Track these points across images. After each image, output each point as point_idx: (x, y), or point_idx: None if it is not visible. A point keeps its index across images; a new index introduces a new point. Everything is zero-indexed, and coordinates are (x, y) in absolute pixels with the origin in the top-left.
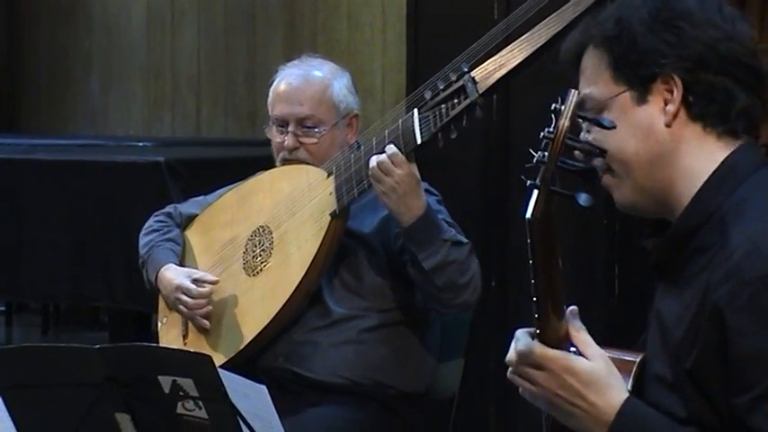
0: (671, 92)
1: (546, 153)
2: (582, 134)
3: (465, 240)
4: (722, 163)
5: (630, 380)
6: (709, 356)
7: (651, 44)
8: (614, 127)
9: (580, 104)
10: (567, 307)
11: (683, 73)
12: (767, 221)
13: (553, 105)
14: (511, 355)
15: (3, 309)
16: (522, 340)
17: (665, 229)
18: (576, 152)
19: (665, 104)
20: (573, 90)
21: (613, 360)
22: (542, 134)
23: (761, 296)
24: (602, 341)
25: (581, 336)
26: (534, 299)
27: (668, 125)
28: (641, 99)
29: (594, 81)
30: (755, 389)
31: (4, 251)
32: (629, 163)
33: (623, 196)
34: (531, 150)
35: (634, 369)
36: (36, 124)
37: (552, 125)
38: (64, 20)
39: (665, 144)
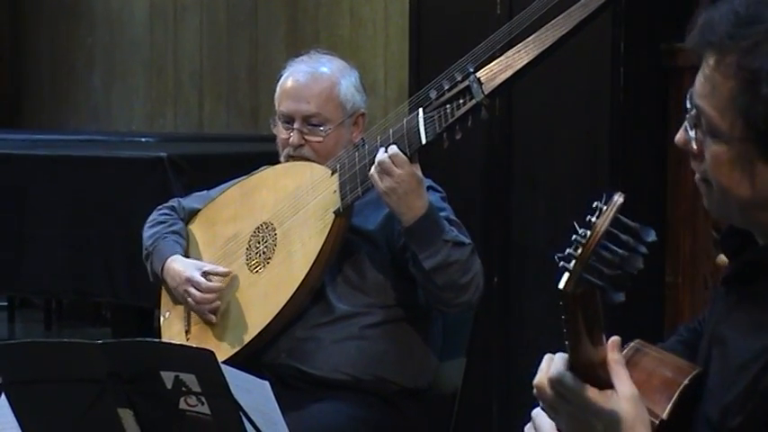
0: None
1: (579, 245)
2: (693, 139)
3: (467, 241)
4: None
5: (670, 404)
6: (756, 427)
7: None
8: (655, 240)
9: (697, 117)
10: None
11: None
12: None
13: (595, 203)
14: (540, 379)
15: (5, 304)
16: (556, 365)
17: (741, 237)
18: (610, 259)
19: None
20: (619, 193)
21: (668, 364)
22: (575, 236)
23: None
24: (606, 337)
25: (617, 369)
26: (565, 336)
27: None
28: (765, 155)
29: (720, 109)
30: None
31: (7, 247)
32: (732, 200)
33: (713, 211)
34: (575, 231)
35: (679, 391)
36: (39, 120)
37: (593, 215)
38: (67, 16)
39: None
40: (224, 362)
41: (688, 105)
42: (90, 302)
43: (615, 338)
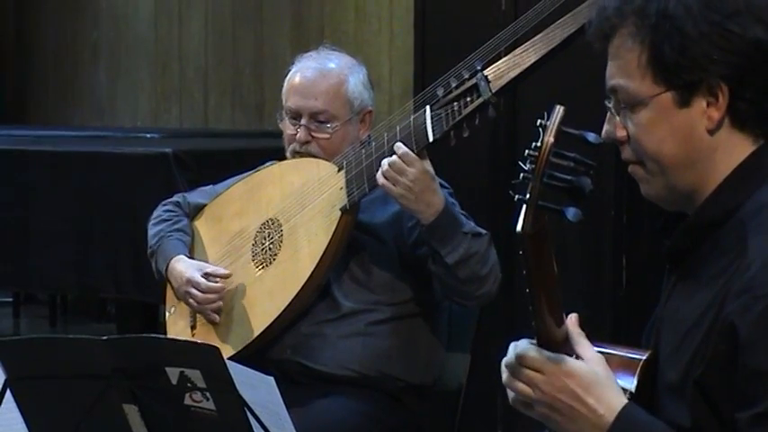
0: (715, 96)
1: (531, 168)
2: (617, 124)
3: (483, 231)
4: (746, 160)
5: (635, 379)
6: (718, 369)
7: (701, 50)
8: (601, 143)
9: (612, 91)
10: (568, 314)
11: (732, 80)
12: None
13: (539, 121)
14: (509, 359)
15: (10, 300)
16: (520, 345)
17: (679, 223)
18: (565, 165)
19: (707, 106)
20: (558, 106)
21: (619, 359)
22: (527, 151)
23: None
24: (610, 332)
25: (580, 340)
26: (530, 307)
27: (710, 131)
28: (683, 102)
29: (631, 74)
30: (759, 405)
31: (12, 242)
32: (664, 163)
33: (652, 190)
34: (519, 163)
35: (638, 369)
36: (43, 116)
37: (538, 140)
38: (71, 11)
39: (703, 149)
40: (229, 358)
41: (606, 103)
42: (95, 298)
43: (574, 315)
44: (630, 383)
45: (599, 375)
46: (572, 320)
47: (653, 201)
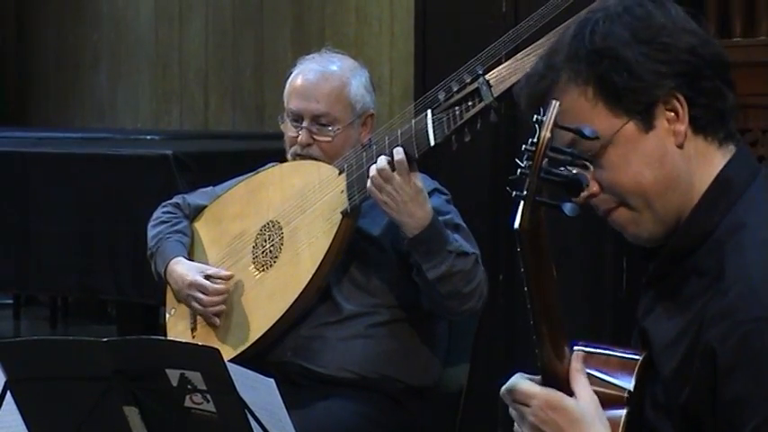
0: (674, 111)
1: (528, 164)
2: (591, 188)
3: (471, 250)
4: (716, 178)
5: (633, 379)
6: (703, 395)
7: (646, 68)
8: (597, 137)
9: (573, 145)
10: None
11: (684, 88)
12: (764, 259)
13: (535, 116)
14: (503, 388)
15: (11, 302)
16: (513, 379)
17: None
18: (562, 159)
19: (669, 123)
20: (554, 101)
21: (617, 359)
22: (524, 146)
23: (751, 339)
24: (611, 333)
25: (577, 376)
26: (529, 306)
27: (680, 146)
28: (647, 126)
29: (586, 120)
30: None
31: (13, 244)
32: (648, 194)
33: (643, 230)
34: (516, 160)
35: (636, 369)
36: (44, 117)
37: (535, 136)
38: (72, 13)
39: (678, 166)
40: (230, 360)
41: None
42: (95, 300)
43: (580, 353)
44: (629, 383)
45: (585, 412)
46: (576, 357)
47: (644, 244)
